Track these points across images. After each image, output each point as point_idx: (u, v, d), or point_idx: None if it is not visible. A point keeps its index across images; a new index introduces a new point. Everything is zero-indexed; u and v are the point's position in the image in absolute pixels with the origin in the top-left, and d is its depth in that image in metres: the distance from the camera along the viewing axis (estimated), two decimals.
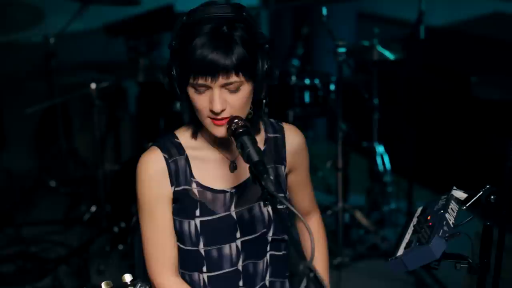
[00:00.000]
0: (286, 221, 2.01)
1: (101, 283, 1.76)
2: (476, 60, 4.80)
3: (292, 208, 1.54)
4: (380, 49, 3.94)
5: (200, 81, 1.79)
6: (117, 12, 5.14)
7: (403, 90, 4.13)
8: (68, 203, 4.69)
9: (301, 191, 2.20)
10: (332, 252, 3.89)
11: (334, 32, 3.72)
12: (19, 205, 4.72)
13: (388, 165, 4.23)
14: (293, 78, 3.98)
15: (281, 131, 2.10)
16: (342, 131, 3.78)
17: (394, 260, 1.86)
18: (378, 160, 4.23)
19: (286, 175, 2.11)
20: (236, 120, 1.80)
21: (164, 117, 4.16)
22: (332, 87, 4.10)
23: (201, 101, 1.83)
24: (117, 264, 3.88)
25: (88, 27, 5.46)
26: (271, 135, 2.08)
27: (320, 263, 2.24)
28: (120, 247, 3.91)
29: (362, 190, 4.46)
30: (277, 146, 2.08)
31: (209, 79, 1.78)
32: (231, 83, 1.80)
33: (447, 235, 1.82)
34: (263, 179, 1.62)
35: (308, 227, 1.51)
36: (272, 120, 2.13)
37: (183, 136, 2.02)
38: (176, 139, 2.01)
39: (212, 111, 1.82)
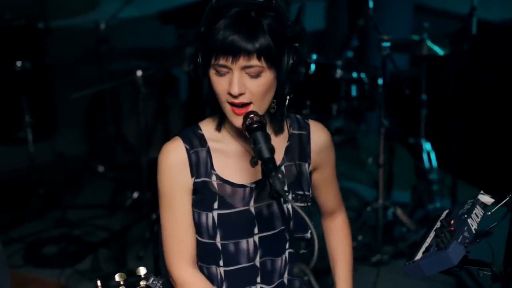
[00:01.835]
0: (295, 220, 1.98)
1: (115, 275, 1.77)
2: None
3: (298, 209, 1.52)
4: (429, 43, 3.85)
5: (221, 62, 1.78)
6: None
7: (451, 86, 4.03)
8: (114, 188, 4.74)
9: (326, 189, 2.16)
10: (371, 249, 3.85)
11: (391, 25, 3.66)
12: (67, 188, 4.81)
13: (434, 162, 4.14)
14: (339, 71, 3.91)
15: (307, 128, 2.06)
16: (384, 126, 3.70)
17: (411, 264, 1.81)
18: (425, 157, 4.14)
19: (311, 173, 2.07)
20: (251, 115, 1.77)
21: (210, 105, 4.16)
22: (380, 81, 4.02)
23: (220, 83, 1.81)
24: (156, 251, 3.91)
25: (143, 14, 5.51)
26: (296, 132, 2.04)
27: (342, 263, 2.21)
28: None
29: (407, 187, 4.38)
30: (301, 143, 2.04)
31: (230, 60, 1.76)
32: (251, 67, 1.77)
33: (467, 241, 1.76)
34: (271, 176, 1.60)
35: (313, 230, 1.48)
36: (298, 116, 2.09)
37: (207, 128, 2.01)
38: (199, 130, 2.00)
39: (230, 94, 1.80)
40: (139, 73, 3.89)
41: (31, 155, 4.60)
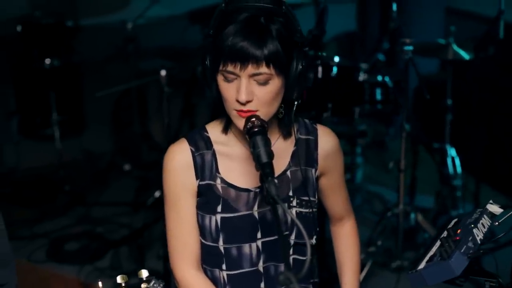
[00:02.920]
0: (291, 225, 1.96)
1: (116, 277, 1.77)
2: None
3: (293, 216, 1.51)
4: (455, 48, 3.80)
5: (229, 68, 1.77)
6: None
7: (476, 91, 3.97)
8: (138, 187, 4.76)
9: (334, 195, 2.14)
10: (392, 255, 3.81)
11: (422, 28, 3.61)
12: (92, 185, 4.85)
13: (459, 168, 4.07)
14: (362, 74, 3.86)
15: (314, 133, 2.04)
16: (405, 131, 3.66)
17: (413, 273, 1.78)
18: (449, 162, 4.07)
19: (317, 178, 2.05)
20: (253, 119, 1.76)
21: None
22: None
23: (229, 90, 1.80)
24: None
25: (172, 13, 5.53)
26: (303, 137, 2.02)
27: (349, 271, 2.17)
28: None
29: (431, 192, 4.32)
30: (308, 148, 2.02)
31: (238, 67, 1.75)
32: (260, 74, 1.76)
33: (471, 251, 1.73)
34: (267, 181, 1.59)
35: (306, 237, 1.46)
36: (306, 121, 2.07)
37: (213, 131, 2.01)
38: (205, 133, 2.00)
39: (238, 101, 1.79)
40: (163, 72, 3.89)
41: (59, 152, 4.66)
